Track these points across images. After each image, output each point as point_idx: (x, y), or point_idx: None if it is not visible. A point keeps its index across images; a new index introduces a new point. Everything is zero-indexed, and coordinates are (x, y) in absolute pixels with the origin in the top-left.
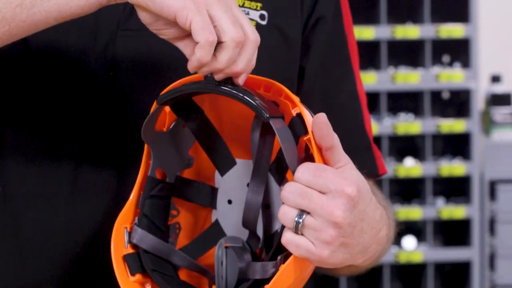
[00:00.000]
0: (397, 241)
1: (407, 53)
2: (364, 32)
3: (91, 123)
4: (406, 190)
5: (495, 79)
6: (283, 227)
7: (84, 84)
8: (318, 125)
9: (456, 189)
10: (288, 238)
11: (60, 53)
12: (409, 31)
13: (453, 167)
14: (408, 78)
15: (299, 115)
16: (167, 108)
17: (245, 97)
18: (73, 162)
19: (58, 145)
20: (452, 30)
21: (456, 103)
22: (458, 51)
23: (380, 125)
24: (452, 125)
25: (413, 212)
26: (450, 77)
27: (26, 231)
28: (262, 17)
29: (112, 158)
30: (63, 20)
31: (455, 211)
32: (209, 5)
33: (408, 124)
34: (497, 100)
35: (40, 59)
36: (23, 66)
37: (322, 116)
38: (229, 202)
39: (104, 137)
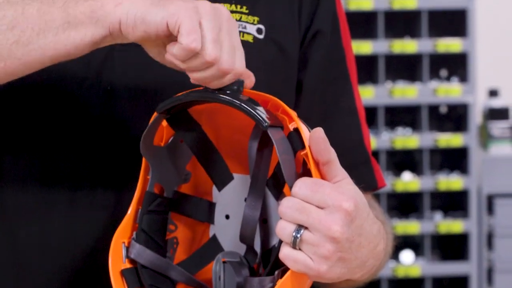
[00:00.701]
0: (394, 255)
1: (405, 68)
2: (362, 47)
3: (88, 140)
4: (404, 205)
5: (493, 93)
6: (280, 242)
7: (81, 101)
8: (315, 139)
9: (453, 203)
10: (286, 253)
11: (56, 69)
12: (406, 46)
13: (450, 182)
14: (406, 92)
15: (296, 130)
16: (164, 123)
17: (243, 105)
18: (71, 178)
19: (55, 163)
20: (449, 44)
21: (454, 117)
22: (456, 66)
23: (377, 140)
24: (449, 139)
25: (410, 227)
26: (448, 91)
27: (23, 247)
28: (259, 31)
29: (109, 175)
30: (58, 60)
31: (452, 226)
32: (200, 15)
33: (405, 139)
34: (494, 114)
35: (35, 75)
36: (18, 90)
37: (319, 131)
38: (227, 217)
39: (102, 154)
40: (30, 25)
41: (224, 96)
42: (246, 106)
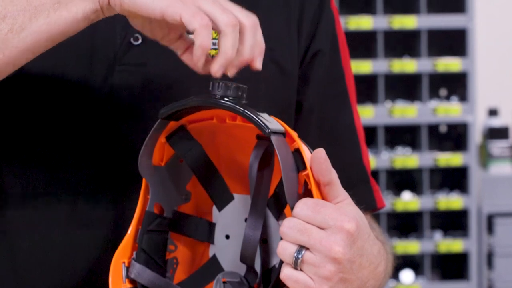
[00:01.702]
0: (395, 275)
1: (404, 87)
2: (362, 66)
3: (89, 156)
4: (404, 224)
5: (492, 112)
6: (281, 262)
7: (81, 118)
8: (317, 160)
9: (453, 222)
10: (287, 274)
11: (57, 87)
12: (406, 65)
13: (450, 201)
14: (406, 112)
15: (297, 151)
16: (163, 138)
17: (246, 111)
18: (71, 195)
19: (55, 177)
20: (449, 64)
21: (454, 136)
22: (455, 85)
23: (377, 159)
24: (449, 158)
25: (410, 246)
26: (447, 110)
27: (23, 263)
28: None
29: (109, 192)
30: (55, 40)
31: (452, 245)
32: (194, 0)
33: (405, 158)
34: (494, 133)
35: (36, 92)
36: (19, 99)
37: (321, 152)
38: (227, 237)
39: (102, 170)
40: (21, 12)
41: (227, 102)
42: (249, 113)
